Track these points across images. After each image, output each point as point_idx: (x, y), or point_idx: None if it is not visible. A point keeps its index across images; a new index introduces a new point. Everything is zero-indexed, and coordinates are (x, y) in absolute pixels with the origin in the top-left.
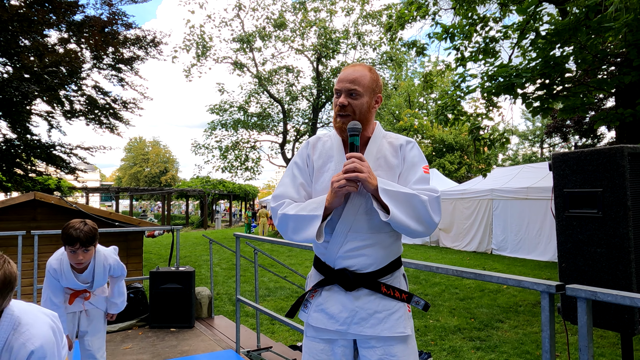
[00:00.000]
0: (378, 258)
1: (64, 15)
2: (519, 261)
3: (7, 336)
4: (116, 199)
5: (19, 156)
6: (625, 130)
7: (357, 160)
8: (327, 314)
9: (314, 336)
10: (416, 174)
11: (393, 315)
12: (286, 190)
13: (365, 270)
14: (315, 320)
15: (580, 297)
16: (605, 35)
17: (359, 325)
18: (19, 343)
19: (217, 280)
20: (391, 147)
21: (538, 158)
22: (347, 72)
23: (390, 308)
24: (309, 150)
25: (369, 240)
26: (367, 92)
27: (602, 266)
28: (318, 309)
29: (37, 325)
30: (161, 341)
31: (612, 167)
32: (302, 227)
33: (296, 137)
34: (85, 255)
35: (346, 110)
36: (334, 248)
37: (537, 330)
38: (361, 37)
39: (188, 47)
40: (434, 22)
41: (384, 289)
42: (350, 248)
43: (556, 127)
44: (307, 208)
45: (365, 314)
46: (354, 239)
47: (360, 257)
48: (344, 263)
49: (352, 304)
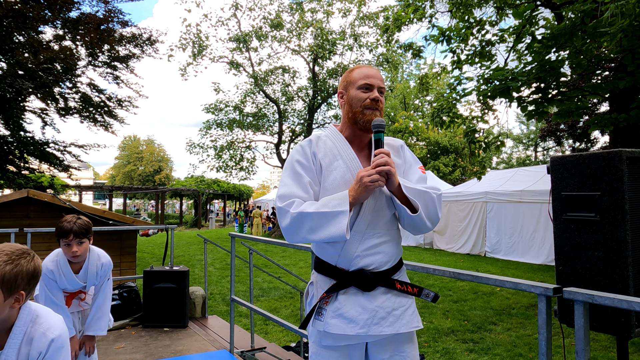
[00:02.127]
0: (393, 255)
1: (59, 12)
2: (513, 264)
3: (26, 328)
4: (110, 197)
5: (12, 153)
6: (619, 134)
7: (386, 155)
8: (346, 318)
9: (330, 344)
10: (415, 173)
11: (407, 311)
12: (292, 189)
13: (383, 268)
14: (334, 326)
15: (577, 300)
16: (600, 40)
17: (379, 325)
18: (39, 333)
19: (210, 280)
20: (391, 148)
21: (532, 161)
22: (373, 71)
23: (405, 304)
24: (314, 148)
25: (385, 236)
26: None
27: (600, 269)
28: (335, 314)
29: (53, 317)
30: (154, 341)
31: (611, 171)
32: (324, 224)
33: (291, 137)
34: (80, 247)
35: (379, 105)
36: (352, 247)
37: (530, 333)
38: (358, 38)
39: (184, 45)
40: (431, 24)
41: (398, 285)
42: (368, 246)
43: (550, 131)
44: (329, 205)
45: (384, 312)
46: (372, 237)
47: (377, 254)
48: (362, 262)
49: (371, 304)
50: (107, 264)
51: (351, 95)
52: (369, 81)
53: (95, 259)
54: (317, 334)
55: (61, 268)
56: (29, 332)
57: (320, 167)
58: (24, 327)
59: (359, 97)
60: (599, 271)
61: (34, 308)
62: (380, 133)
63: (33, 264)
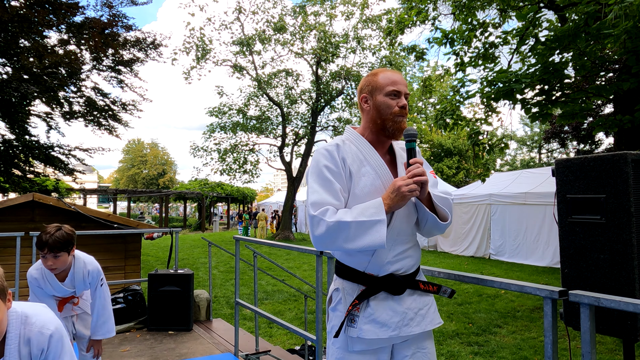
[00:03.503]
0: (417, 258)
1: (64, 17)
2: (517, 266)
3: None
4: (114, 200)
5: (17, 157)
6: (623, 136)
7: (420, 165)
8: (378, 322)
9: (362, 349)
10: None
11: (431, 309)
12: (323, 197)
13: (410, 271)
14: (368, 332)
15: (583, 303)
16: (604, 42)
17: (408, 326)
18: (35, 333)
19: (215, 283)
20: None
21: (536, 163)
22: (398, 76)
23: (428, 302)
24: (342, 153)
25: (410, 242)
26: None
27: (605, 272)
28: (368, 320)
29: (43, 313)
30: (159, 344)
31: (616, 173)
32: (361, 234)
33: (295, 140)
34: (56, 261)
35: (405, 112)
36: (383, 253)
37: (535, 336)
38: (361, 41)
39: (188, 49)
40: (434, 27)
41: (421, 285)
42: (399, 251)
43: (554, 132)
44: (366, 213)
45: (413, 313)
46: (401, 242)
47: (406, 259)
48: (392, 268)
49: (400, 307)
50: (94, 271)
51: (379, 102)
52: (397, 88)
53: (81, 266)
54: (345, 339)
55: (46, 277)
56: (23, 333)
57: (349, 173)
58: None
59: (387, 104)
60: (605, 274)
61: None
62: (413, 142)
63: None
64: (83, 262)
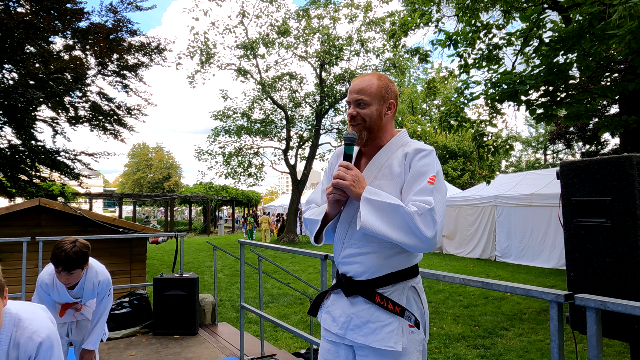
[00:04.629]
0: (372, 267)
1: (69, 23)
2: (523, 268)
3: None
4: (119, 204)
5: (23, 162)
6: (629, 137)
7: (342, 169)
8: (332, 316)
9: (324, 336)
10: (420, 184)
11: (385, 328)
12: (314, 196)
13: (359, 278)
14: (324, 321)
15: (589, 307)
16: (609, 43)
17: (354, 332)
18: (25, 338)
19: (220, 287)
20: (402, 155)
21: (541, 165)
22: (355, 82)
23: (383, 320)
24: (334, 158)
25: (364, 248)
26: (375, 100)
27: (611, 275)
28: (326, 310)
29: (37, 318)
30: (165, 348)
31: (621, 176)
32: (311, 230)
33: (299, 143)
34: (70, 277)
35: (356, 120)
36: (335, 253)
37: (542, 338)
38: (364, 44)
39: (192, 53)
40: (437, 29)
41: (377, 299)
42: (346, 254)
43: (560, 133)
44: (315, 213)
45: (359, 321)
46: (350, 246)
47: (354, 264)
48: (343, 269)
49: (349, 309)
50: (104, 282)
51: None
52: (347, 98)
53: (92, 275)
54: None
55: (56, 284)
56: (14, 337)
57: None
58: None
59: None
60: (611, 277)
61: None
62: (349, 145)
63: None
64: (95, 272)
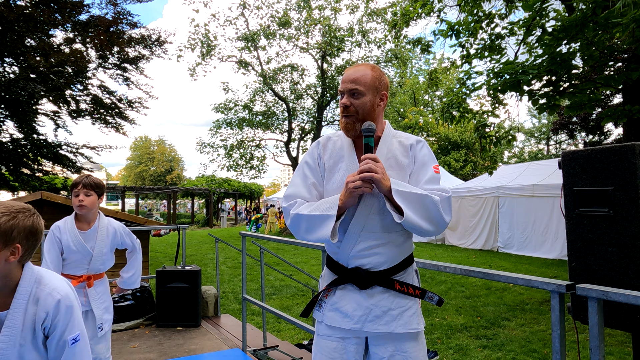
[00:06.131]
0: (391, 256)
1: (69, 15)
2: (526, 259)
3: (31, 289)
4: (122, 198)
5: (25, 156)
6: (633, 126)
7: (372, 162)
8: (342, 312)
9: (327, 334)
10: (427, 173)
11: (407, 312)
12: (297, 190)
13: (379, 269)
14: (330, 319)
15: (591, 297)
16: (612, 31)
17: (373, 323)
18: (44, 293)
19: (222, 279)
20: (401, 146)
21: (544, 155)
22: (348, 72)
23: (404, 305)
24: (320, 150)
25: (381, 239)
26: (369, 90)
27: (613, 265)
28: (332, 307)
29: (57, 279)
30: (168, 340)
31: (624, 165)
32: (315, 226)
33: (301, 135)
34: (86, 198)
35: (349, 111)
36: (347, 247)
37: (544, 329)
38: (366, 34)
39: (193, 46)
40: (439, 19)
41: (397, 286)
42: (363, 247)
43: (562, 124)
44: (321, 208)
45: (380, 311)
46: (367, 239)
47: (373, 256)
48: (357, 262)
49: (366, 302)
50: (119, 228)
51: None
52: (340, 88)
53: (105, 222)
54: (317, 324)
55: (67, 225)
56: (35, 292)
57: (324, 169)
58: (28, 287)
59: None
60: (613, 267)
61: (36, 270)
62: (370, 137)
63: (32, 220)
64: (108, 220)
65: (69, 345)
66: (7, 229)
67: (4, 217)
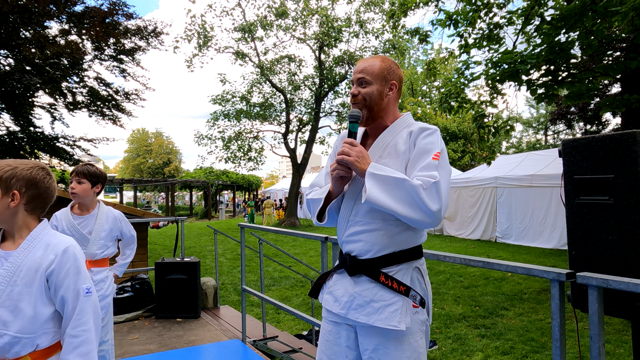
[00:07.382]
0: (376, 245)
1: (64, 7)
2: (524, 249)
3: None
4: (120, 190)
5: (22, 148)
6: (631, 116)
7: (347, 145)
8: (334, 296)
9: (325, 317)
10: (424, 161)
11: (389, 307)
12: (318, 179)
13: (363, 257)
14: (326, 302)
15: (591, 285)
16: (611, 20)
17: (356, 311)
18: (56, 240)
19: (222, 271)
20: (407, 134)
21: (542, 145)
22: (359, 63)
23: (387, 299)
24: (339, 141)
25: (368, 225)
26: (376, 80)
27: (614, 254)
28: (329, 291)
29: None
30: (168, 331)
31: (624, 153)
32: (312, 209)
33: (299, 126)
34: (77, 186)
35: (357, 99)
36: (340, 232)
37: (542, 318)
38: (363, 25)
39: (189, 37)
40: (437, 8)
41: (382, 278)
42: (351, 232)
43: (561, 114)
44: (318, 192)
45: (362, 301)
46: (355, 224)
47: (358, 242)
48: (346, 248)
49: (352, 288)
50: (118, 216)
51: None
52: (352, 77)
53: (104, 210)
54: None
55: (64, 212)
56: (46, 239)
57: None
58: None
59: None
60: (613, 255)
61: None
62: (353, 123)
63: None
64: (107, 209)
65: (84, 293)
66: (6, 177)
67: (6, 167)
